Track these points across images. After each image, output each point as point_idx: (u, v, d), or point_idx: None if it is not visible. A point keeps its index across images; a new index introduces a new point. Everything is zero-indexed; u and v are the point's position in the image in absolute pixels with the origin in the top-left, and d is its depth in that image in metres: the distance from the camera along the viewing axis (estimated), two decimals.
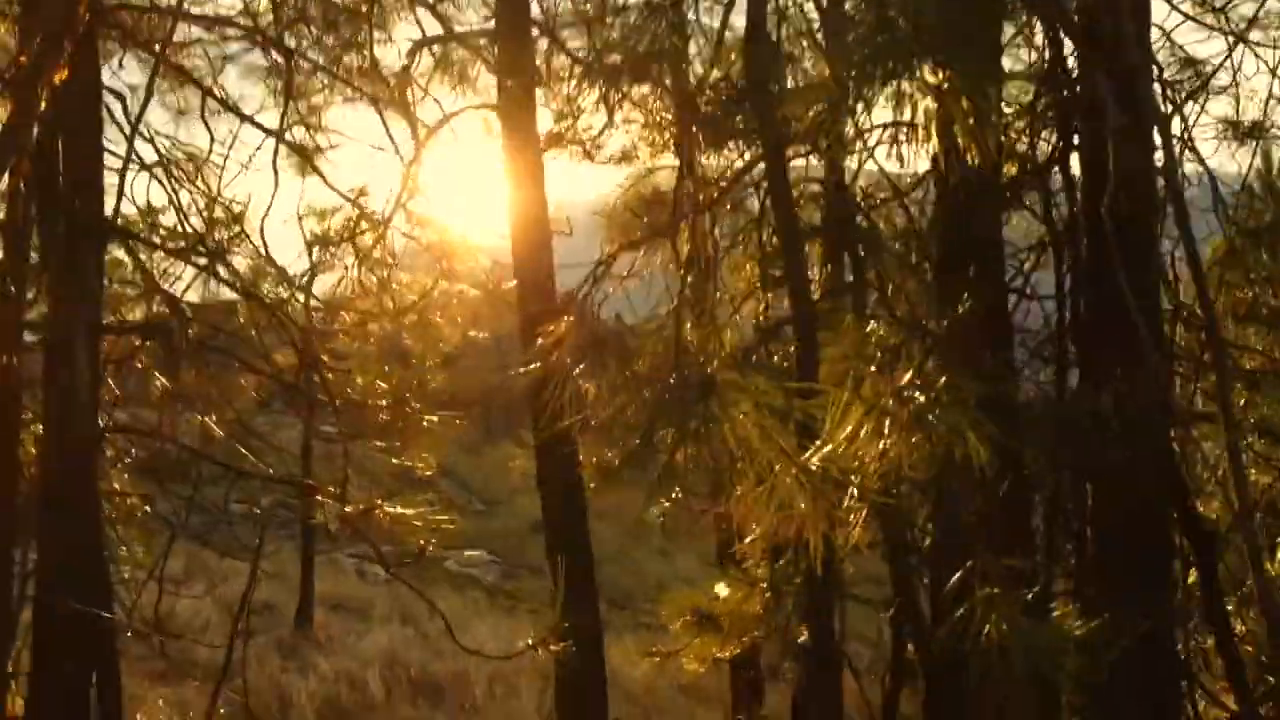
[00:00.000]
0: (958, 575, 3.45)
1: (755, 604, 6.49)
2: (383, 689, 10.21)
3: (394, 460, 6.20)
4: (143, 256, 5.70)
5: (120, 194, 4.97)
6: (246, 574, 11.26)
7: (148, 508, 6.62)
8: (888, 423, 3.28)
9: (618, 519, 14.74)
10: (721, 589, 6.05)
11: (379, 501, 5.33)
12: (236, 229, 5.70)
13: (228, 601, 10.45)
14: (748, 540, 5.60)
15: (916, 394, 3.18)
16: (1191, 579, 5.33)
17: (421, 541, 5.91)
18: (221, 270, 5.63)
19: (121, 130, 5.48)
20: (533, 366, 3.40)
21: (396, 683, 10.37)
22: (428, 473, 6.92)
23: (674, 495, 8.40)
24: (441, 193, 7.52)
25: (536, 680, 10.40)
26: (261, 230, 5.80)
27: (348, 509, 5.41)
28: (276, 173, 5.85)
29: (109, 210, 5.17)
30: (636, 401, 3.39)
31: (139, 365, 5.92)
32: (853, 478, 3.33)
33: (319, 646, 10.92)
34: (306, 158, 5.74)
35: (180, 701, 8.33)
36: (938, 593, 5.15)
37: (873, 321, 5.43)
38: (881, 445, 3.35)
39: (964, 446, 3.15)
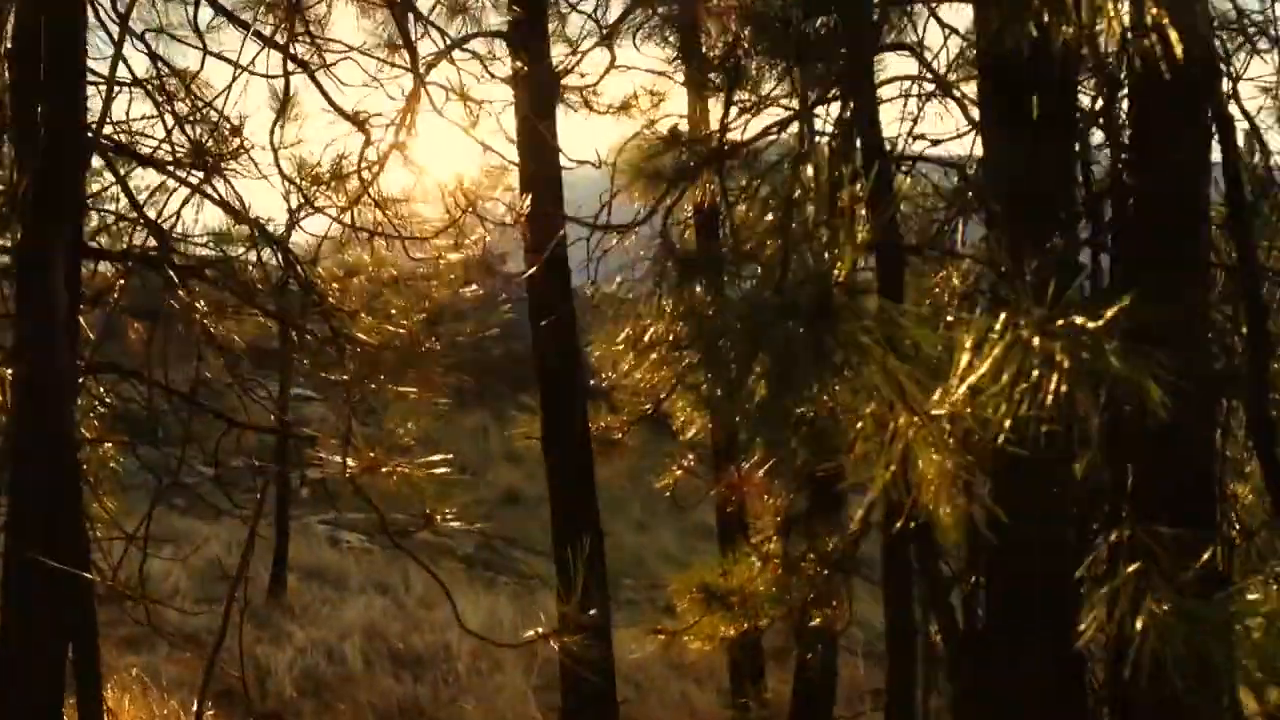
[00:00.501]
0: (1095, 549, 2.97)
1: (767, 582, 6.12)
2: (361, 660, 9.73)
3: (401, 415, 5.66)
4: (125, 173, 5.12)
5: (108, 102, 4.37)
6: (215, 538, 10.78)
7: (121, 459, 6.08)
8: (1035, 363, 2.73)
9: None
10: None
11: (393, 459, 4.81)
12: (236, 143, 5.11)
13: (196, 565, 9.92)
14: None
15: (1080, 322, 2.60)
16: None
17: (428, 510, 5.45)
18: (218, 188, 5.03)
19: (108, 31, 4.89)
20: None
21: (376, 655, 9.90)
22: (411, 442, 6.39)
23: (686, 463, 8.02)
24: (443, 129, 7.10)
25: (523, 655, 9.96)
26: (272, 144, 5.20)
27: (351, 463, 4.89)
28: (289, 80, 5.25)
29: (93, 121, 4.56)
30: (726, 322, 2.84)
31: (120, 301, 5.35)
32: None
33: (294, 616, 10.42)
34: (310, 72, 5.16)
35: (152, 669, 7.80)
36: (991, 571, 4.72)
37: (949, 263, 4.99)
38: (1019, 391, 2.78)
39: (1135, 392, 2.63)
